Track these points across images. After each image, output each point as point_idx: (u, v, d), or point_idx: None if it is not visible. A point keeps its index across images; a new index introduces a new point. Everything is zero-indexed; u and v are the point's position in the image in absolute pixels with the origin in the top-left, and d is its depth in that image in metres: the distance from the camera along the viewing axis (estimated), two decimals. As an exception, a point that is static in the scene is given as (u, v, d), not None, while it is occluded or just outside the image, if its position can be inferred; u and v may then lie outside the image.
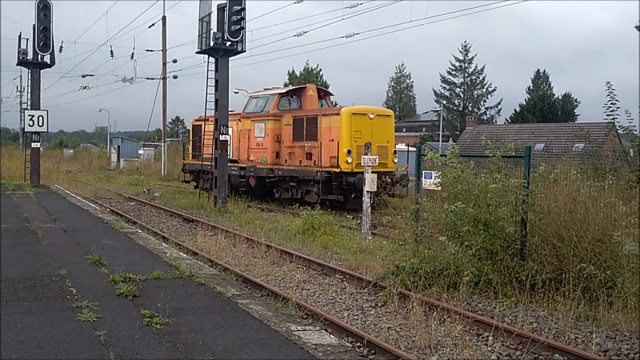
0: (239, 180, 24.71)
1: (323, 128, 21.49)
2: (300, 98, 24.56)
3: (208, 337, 6.17)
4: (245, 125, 25.12)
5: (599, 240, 8.55)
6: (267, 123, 23.85)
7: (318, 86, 25.15)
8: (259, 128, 24.30)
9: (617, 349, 7.10)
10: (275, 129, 23.67)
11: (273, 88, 25.46)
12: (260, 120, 24.26)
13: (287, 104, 24.51)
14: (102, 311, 6.93)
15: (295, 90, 25.14)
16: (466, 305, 8.90)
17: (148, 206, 22.75)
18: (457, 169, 10.47)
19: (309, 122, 22.21)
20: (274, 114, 23.77)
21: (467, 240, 9.57)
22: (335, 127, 20.96)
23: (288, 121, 23.23)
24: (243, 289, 9.01)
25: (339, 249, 13.79)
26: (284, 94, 24.60)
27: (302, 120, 22.58)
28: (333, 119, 21.23)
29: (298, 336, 6.36)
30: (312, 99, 24.30)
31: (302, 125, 22.50)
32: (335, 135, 20.85)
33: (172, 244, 13.25)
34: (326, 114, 21.74)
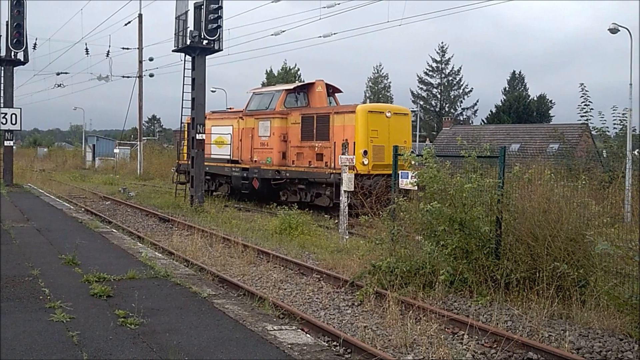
0: (240, 182, 23.38)
1: (336, 127, 20.07)
2: (308, 95, 23.12)
3: (183, 337, 6.13)
4: (248, 123, 23.64)
5: (572, 239, 8.66)
6: (273, 121, 22.33)
7: (327, 82, 23.40)
8: (264, 127, 22.77)
9: (590, 346, 7.19)
10: (281, 128, 22.16)
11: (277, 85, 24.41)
12: (265, 118, 22.76)
13: (294, 101, 23.08)
14: (75, 311, 6.85)
15: (302, 86, 23.49)
16: (442, 304, 8.96)
17: (123, 205, 22.53)
18: (433, 168, 10.55)
19: (320, 121, 20.78)
20: (280, 111, 22.29)
21: (443, 240, 9.63)
22: (350, 126, 19.60)
23: (296, 119, 21.79)
24: (219, 289, 8.98)
25: (316, 248, 13.79)
26: (291, 90, 23.12)
27: (312, 119, 21.14)
28: (347, 117, 19.81)
29: (274, 336, 6.35)
30: (321, 95, 22.85)
31: (311, 124, 21.07)
32: (349, 135, 19.26)
33: (147, 244, 13.14)
34: (339, 112, 20.34)
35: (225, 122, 25.13)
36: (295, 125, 21.74)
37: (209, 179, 25.25)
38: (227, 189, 24.87)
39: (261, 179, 22.47)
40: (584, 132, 35.00)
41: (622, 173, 17.57)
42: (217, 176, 25.23)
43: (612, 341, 7.26)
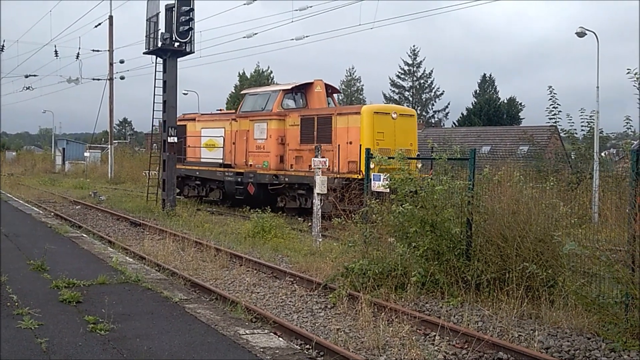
0: (234, 187, 22.34)
1: (339, 129, 19.09)
2: (306, 95, 22.09)
3: (154, 342, 6.08)
4: (243, 125, 22.54)
5: (540, 240, 8.78)
6: (270, 123, 21.29)
7: (326, 82, 22.47)
8: (260, 129, 21.71)
9: (559, 345, 7.30)
10: (279, 130, 21.14)
11: (272, 85, 23.46)
12: (261, 120, 21.70)
13: (292, 101, 22.14)
14: (44, 318, 6.75)
15: (300, 86, 22.20)
16: (414, 306, 9.02)
17: (94, 210, 22.23)
18: (404, 171, 10.63)
19: (321, 122, 19.77)
20: (277, 112, 21.24)
21: (415, 241, 9.70)
22: (355, 128, 18.59)
23: (294, 121, 20.76)
24: (191, 293, 8.91)
25: (289, 251, 13.77)
26: (289, 90, 21.95)
27: (312, 120, 20.12)
28: (352, 119, 18.79)
29: (246, 340, 6.33)
30: (320, 96, 21.85)
31: (312, 126, 20.05)
32: (354, 137, 18.43)
33: (118, 249, 12.98)
34: (343, 113, 19.39)
35: (217, 124, 24.23)
36: (294, 127, 20.76)
37: (199, 184, 24.68)
38: (219, 194, 23.94)
39: (257, 184, 21.50)
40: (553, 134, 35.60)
41: (589, 174, 17.89)
42: (207, 181, 24.29)
43: (580, 340, 7.38)
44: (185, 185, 25.44)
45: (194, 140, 24.89)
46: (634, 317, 7.26)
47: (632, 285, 7.32)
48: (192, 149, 24.98)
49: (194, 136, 24.93)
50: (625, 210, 7.77)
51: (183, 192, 25.61)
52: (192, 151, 25.04)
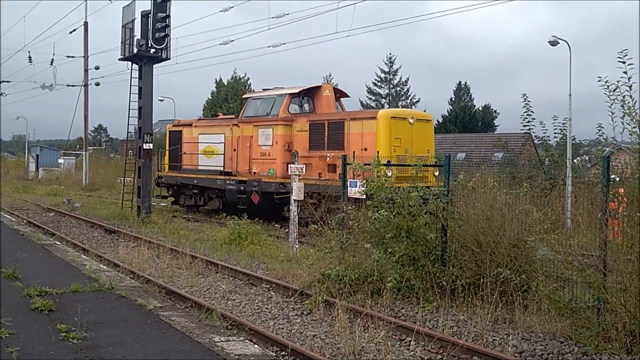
0: (236, 196, 21.02)
1: (352, 135, 17.89)
2: (314, 99, 20.93)
3: (128, 350, 6.00)
4: (245, 131, 21.27)
5: (514, 245, 8.86)
6: (276, 129, 20.03)
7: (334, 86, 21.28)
8: (265, 135, 20.45)
9: (532, 350, 7.36)
10: (285, 136, 19.88)
11: (275, 88, 21.69)
12: (266, 125, 20.44)
13: (298, 106, 20.91)
14: (15, 327, 6.62)
15: (308, 90, 20.96)
16: (389, 311, 9.03)
17: (68, 217, 21.92)
18: (380, 177, 10.68)
19: (332, 128, 18.56)
20: (284, 118, 20.00)
21: (391, 247, 9.73)
22: (370, 134, 17.39)
23: (302, 126, 19.52)
24: (166, 300, 8.83)
25: (266, 258, 13.71)
26: (296, 94, 20.67)
27: (322, 126, 18.89)
28: (366, 124, 17.65)
29: (221, 347, 6.29)
30: (329, 100, 20.72)
31: (322, 132, 18.83)
32: (369, 144, 17.20)
33: (92, 256, 12.81)
34: (357, 118, 18.26)
35: (216, 129, 23.14)
36: (302, 133, 19.52)
37: (197, 193, 23.54)
38: (218, 203, 22.63)
39: (262, 193, 20.21)
40: (527, 141, 36.02)
41: (562, 180, 18.10)
42: (206, 190, 23.03)
43: (553, 344, 7.46)
44: (181, 194, 24.34)
45: (191, 147, 23.76)
46: (606, 321, 7.35)
47: (603, 289, 7.41)
48: (189, 156, 23.86)
49: (190, 142, 23.87)
50: (596, 216, 7.87)
51: (179, 201, 24.68)
52: (188, 158, 23.94)
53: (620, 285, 7.33)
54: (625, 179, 7.93)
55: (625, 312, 7.16)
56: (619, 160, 8.50)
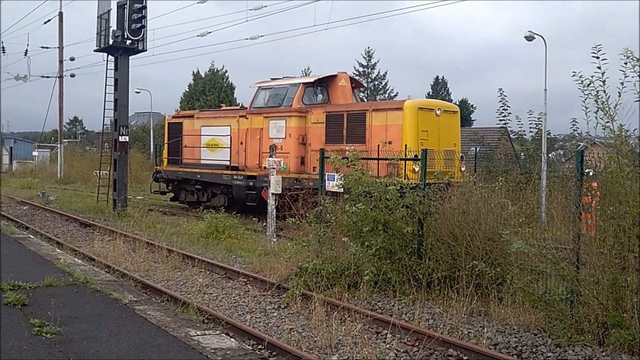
0: (244, 192, 19.77)
1: (375, 127, 16.77)
2: (328, 89, 19.63)
3: (102, 345, 5.95)
4: (255, 123, 19.90)
5: (489, 239, 8.94)
6: (289, 120, 18.73)
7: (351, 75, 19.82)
8: (277, 127, 19.09)
9: (507, 342, 7.44)
10: (300, 128, 18.59)
11: (284, 78, 20.59)
12: (278, 116, 19.10)
13: (313, 96, 19.53)
14: (-13, 322, 6.53)
15: (322, 79, 19.65)
16: (366, 304, 9.07)
17: (42, 210, 21.64)
18: (358, 171, 10.69)
19: (352, 120, 17.40)
20: (298, 109, 18.71)
21: (368, 241, 9.75)
22: (395, 126, 16.31)
23: (318, 118, 18.29)
24: (141, 294, 8.77)
25: (243, 251, 13.67)
26: (310, 83, 19.41)
27: (341, 117, 17.65)
28: (391, 115, 16.53)
29: (197, 341, 6.26)
30: (345, 90, 19.47)
31: (340, 124, 17.61)
32: (394, 137, 16.04)
33: (67, 250, 12.67)
34: (380, 109, 17.09)
35: (221, 121, 21.77)
36: (318, 125, 18.29)
37: (200, 188, 22.25)
38: (223, 200, 21.36)
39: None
40: (503, 136, 36.33)
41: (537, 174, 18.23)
42: (210, 185, 21.82)
43: (527, 336, 7.54)
44: (182, 190, 23.14)
45: (193, 140, 22.50)
46: (579, 313, 7.45)
47: (576, 282, 7.51)
48: (190, 149, 22.58)
49: (192, 135, 22.60)
50: (570, 210, 7.97)
51: (179, 197, 23.54)
52: (190, 152, 22.66)
53: (592, 278, 7.43)
54: (598, 173, 8.03)
55: (597, 304, 7.26)
56: (593, 154, 8.60)
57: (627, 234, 7.16)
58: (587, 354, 6.82)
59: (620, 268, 7.27)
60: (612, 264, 7.26)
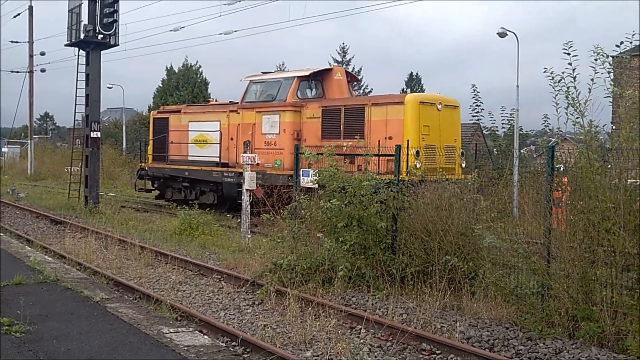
0: (236, 190, 18.40)
1: (374, 122, 16.12)
2: (323, 83, 18.96)
3: (73, 343, 5.87)
4: (247, 118, 19.12)
5: (462, 234, 9.01)
6: (284, 115, 17.98)
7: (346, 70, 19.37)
8: (270, 122, 18.37)
9: (479, 335, 7.50)
10: (294, 124, 17.89)
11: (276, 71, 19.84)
12: (272, 111, 18.35)
13: (308, 90, 18.87)
14: (-48, 321, 6.40)
15: (317, 73, 18.96)
16: (340, 300, 9.08)
17: (12, 207, 21.25)
18: (332, 166, 10.69)
19: (350, 114, 16.74)
20: (293, 103, 18.01)
21: (342, 236, 9.76)
22: (396, 121, 15.70)
23: (314, 113, 17.60)
24: (113, 292, 8.67)
25: (217, 248, 13.60)
26: (305, 77, 18.60)
27: (338, 112, 16.98)
28: (391, 110, 15.88)
29: (170, 338, 6.22)
30: (340, 84, 18.90)
31: (337, 119, 16.93)
32: (395, 132, 15.56)
33: (37, 247, 12.48)
34: (379, 103, 16.38)
35: (210, 116, 20.94)
36: (313, 120, 17.63)
37: (187, 186, 21.49)
38: (212, 197, 20.59)
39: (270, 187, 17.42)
40: (476, 131, 36.64)
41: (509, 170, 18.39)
42: (199, 182, 21.02)
43: (499, 330, 7.61)
44: (169, 187, 22.36)
45: (179, 136, 21.74)
46: (549, 307, 7.55)
47: (547, 276, 7.61)
48: (177, 145, 21.79)
49: (179, 131, 21.80)
50: (541, 205, 8.06)
51: (165, 195, 22.70)
52: (176, 148, 21.84)
53: (563, 272, 7.53)
54: (569, 168, 8.13)
55: (568, 297, 7.36)
56: (564, 150, 8.70)
57: (597, 228, 7.25)
58: (558, 346, 6.92)
59: (589, 262, 7.37)
60: (582, 257, 7.36)
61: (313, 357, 6.94)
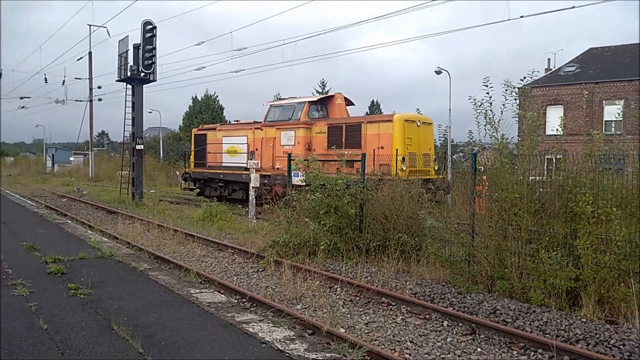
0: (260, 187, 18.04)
1: (369, 135, 15.97)
2: (327, 106, 18.74)
3: (123, 302, 5.82)
4: (269, 133, 18.81)
5: (410, 217, 9.03)
6: (298, 131, 17.77)
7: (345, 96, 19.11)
8: (287, 136, 18.20)
9: (423, 292, 7.55)
10: (306, 137, 17.64)
11: (291, 97, 19.58)
12: (288, 128, 18.12)
13: (316, 112, 18.59)
14: (34, 287, 6.33)
15: (323, 98, 18.95)
16: (322, 267, 9.08)
17: (77, 202, 20.98)
18: (316, 169, 10.68)
19: (350, 130, 16.49)
20: (305, 121, 17.73)
21: (323, 220, 9.76)
22: (386, 134, 15.56)
23: (321, 129, 17.39)
24: (154, 264, 8.60)
25: (231, 230, 13.52)
26: (314, 102, 18.53)
27: (340, 128, 16.80)
28: (383, 126, 15.79)
29: (196, 297, 6.18)
30: (341, 107, 18.73)
31: (339, 133, 16.76)
32: (386, 143, 15.46)
33: (96, 231, 12.34)
34: (373, 121, 16.28)
35: (239, 132, 20.43)
36: (321, 134, 17.36)
37: (222, 186, 20.84)
38: (242, 194, 19.97)
39: (284, 186, 17.59)
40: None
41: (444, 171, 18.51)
42: (230, 183, 20.46)
43: (437, 287, 7.66)
44: (207, 187, 21.57)
45: (215, 147, 21.14)
46: (474, 270, 7.60)
47: (472, 247, 7.65)
48: (213, 154, 21.18)
49: (214, 143, 21.23)
50: (468, 196, 8.12)
51: (204, 193, 21.78)
52: (212, 157, 21.24)
53: (483, 244, 7.58)
54: (487, 169, 8.19)
55: (487, 263, 7.42)
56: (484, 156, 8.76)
57: (507, 212, 7.31)
58: (480, 298, 6.98)
59: (502, 237, 7.41)
60: (497, 234, 7.41)
61: (302, 308, 6.94)
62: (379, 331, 6.14)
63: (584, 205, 6.49)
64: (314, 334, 5.78)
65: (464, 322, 6.34)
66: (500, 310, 6.49)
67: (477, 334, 6.08)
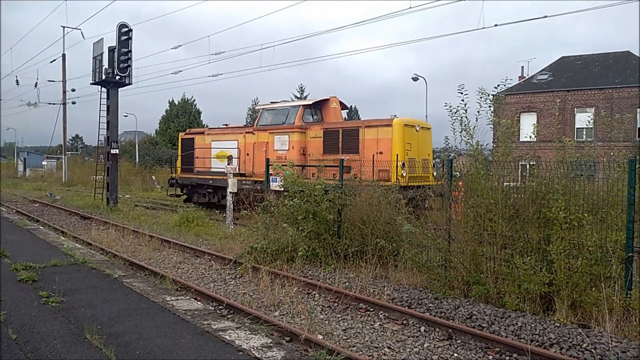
0: (252, 195, 17.89)
1: (367, 140, 15.28)
2: (322, 110, 17.94)
3: (97, 310, 5.69)
4: (261, 138, 18.01)
5: (388, 223, 9.06)
6: (292, 135, 17.03)
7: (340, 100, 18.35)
8: (281, 141, 17.46)
9: (400, 297, 7.57)
10: (301, 142, 16.91)
11: (283, 101, 18.74)
12: (282, 132, 17.38)
13: (310, 116, 17.80)
14: (3, 295, 6.14)
15: (318, 102, 18.02)
16: (300, 273, 9.03)
17: (50, 207, 20.47)
18: (294, 175, 10.67)
19: (347, 134, 15.80)
20: (299, 126, 16.97)
21: (302, 226, 9.74)
22: (385, 139, 14.88)
23: (316, 133, 16.61)
24: (128, 270, 8.43)
25: (208, 236, 13.36)
26: (309, 105, 17.74)
27: (337, 133, 16.02)
28: (382, 131, 15.08)
29: (172, 305, 6.09)
30: (336, 111, 18.00)
31: (336, 138, 16.03)
32: (385, 148, 14.81)
33: (69, 237, 12.05)
34: (372, 125, 15.49)
35: (229, 137, 19.64)
36: (316, 139, 16.63)
37: (211, 192, 20.01)
38: None
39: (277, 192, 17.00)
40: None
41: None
42: (220, 189, 19.51)
43: (415, 293, 7.69)
44: (195, 193, 20.80)
45: (204, 152, 20.35)
46: (450, 275, 7.67)
47: (448, 253, 7.72)
48: (202, 159, 20.41)
49: (203, 148, 20.43)
50: (444, 201, 8.20)
51: (192, 199, 20.90)
52: (201, 162, 20.45)
53: (459, 250, 7.63)
54: (463, 175, 8.30)
55: (463, 268, 7.49)
56: (460, 162, 8.87)
57: (482, 218, 7.39)
58: (457, 303, 7.04)
59: (478, 242, 7.49)
60: (472, 239, 7.47)
61: (280, 315, 6.89)
62: (357, 337, 6.14)
63: (556, 211, 6.62)
64: (291, 341, 5.75)
65: (440, 328, 6.39)
66: (477, 315, 6.56)
67: (454, 339, 6.13)
